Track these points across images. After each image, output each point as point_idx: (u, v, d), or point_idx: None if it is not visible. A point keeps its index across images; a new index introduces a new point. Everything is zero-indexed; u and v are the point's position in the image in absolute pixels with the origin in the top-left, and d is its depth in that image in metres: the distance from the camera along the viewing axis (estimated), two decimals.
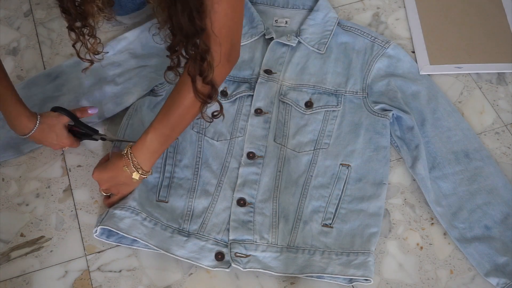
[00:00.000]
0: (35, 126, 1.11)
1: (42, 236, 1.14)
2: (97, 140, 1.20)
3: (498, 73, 1.37)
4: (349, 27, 1.38)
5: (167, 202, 1.15)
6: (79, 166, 1.22)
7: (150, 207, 1.14)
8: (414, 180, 1.22)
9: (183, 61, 0.98)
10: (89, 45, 1.02)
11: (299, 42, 1.34)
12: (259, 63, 1.31)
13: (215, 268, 1.09)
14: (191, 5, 0.89)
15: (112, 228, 1.08)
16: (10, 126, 1.12)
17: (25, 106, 1.09)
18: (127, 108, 1.26)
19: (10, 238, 1.13)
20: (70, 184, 1.20)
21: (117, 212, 1.10)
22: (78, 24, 0.98)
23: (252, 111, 1.25)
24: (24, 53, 1.36)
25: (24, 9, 1.44)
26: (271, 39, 1.33)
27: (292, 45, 1.33)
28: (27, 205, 1.17)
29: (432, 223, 1.18)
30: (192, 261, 1.09)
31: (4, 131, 1.20)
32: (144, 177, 1.10)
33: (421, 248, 1.15)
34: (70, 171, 1.21)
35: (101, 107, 1.25)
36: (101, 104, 1.26)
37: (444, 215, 1.17)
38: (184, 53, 0.96)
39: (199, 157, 1.20)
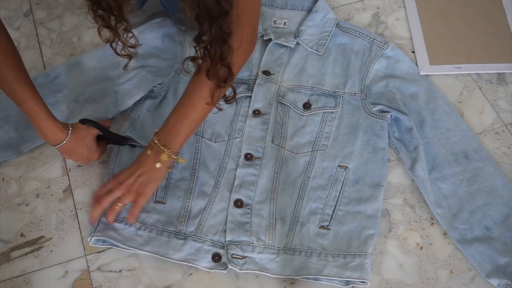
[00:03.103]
0: (67, 137, 1.10)
1: (42, 236, 1.14)
2: (124, 145, 1.20)
3: (498, 73, 1.37)
4: (347, 29, 1.37)
5: (164, 203, 1.16)
6: (79, 166, 1.22)
7: (145, 212, 1.14)
8: (414, 180, 1.21)
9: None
10: (123, 40, 1.00)
11: (298, 43, 1.34)
12: (257, 64, 1.31)
13: (212, 269, 1.10)
14: None
15: (106, 239, 1.10)
16: (41, 137, 1.10)
17: (56, 119, 1.08)
18: (126, 110, 1.26)
19: (10, 238, 1.14)
20: (70, 184, 1.20)
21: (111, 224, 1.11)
22: (111, 22, 0.95)
23: (250, 112, 1.24)
24: (24, 53, 1.36)
25: (24, 9, 1.44)
26: (270, 40, 1.33)
27: (290, 46, 1.33)
28: (27, 205, 1.18)
29: (432, 223, 1.18)
30: (189, 262, 1.10)
31: (4, 131, 1.21)
32: (174, 159, 1.07)
33: (421, 248, 1.15)
34: (70, 171, 1.21)
35: (101, 108, 1.25)
36: (101, 106, 1.26)
37: (444, 216, 1.17)
38: (209, 38, 0.94)
39: (197, 158, 1.20)
